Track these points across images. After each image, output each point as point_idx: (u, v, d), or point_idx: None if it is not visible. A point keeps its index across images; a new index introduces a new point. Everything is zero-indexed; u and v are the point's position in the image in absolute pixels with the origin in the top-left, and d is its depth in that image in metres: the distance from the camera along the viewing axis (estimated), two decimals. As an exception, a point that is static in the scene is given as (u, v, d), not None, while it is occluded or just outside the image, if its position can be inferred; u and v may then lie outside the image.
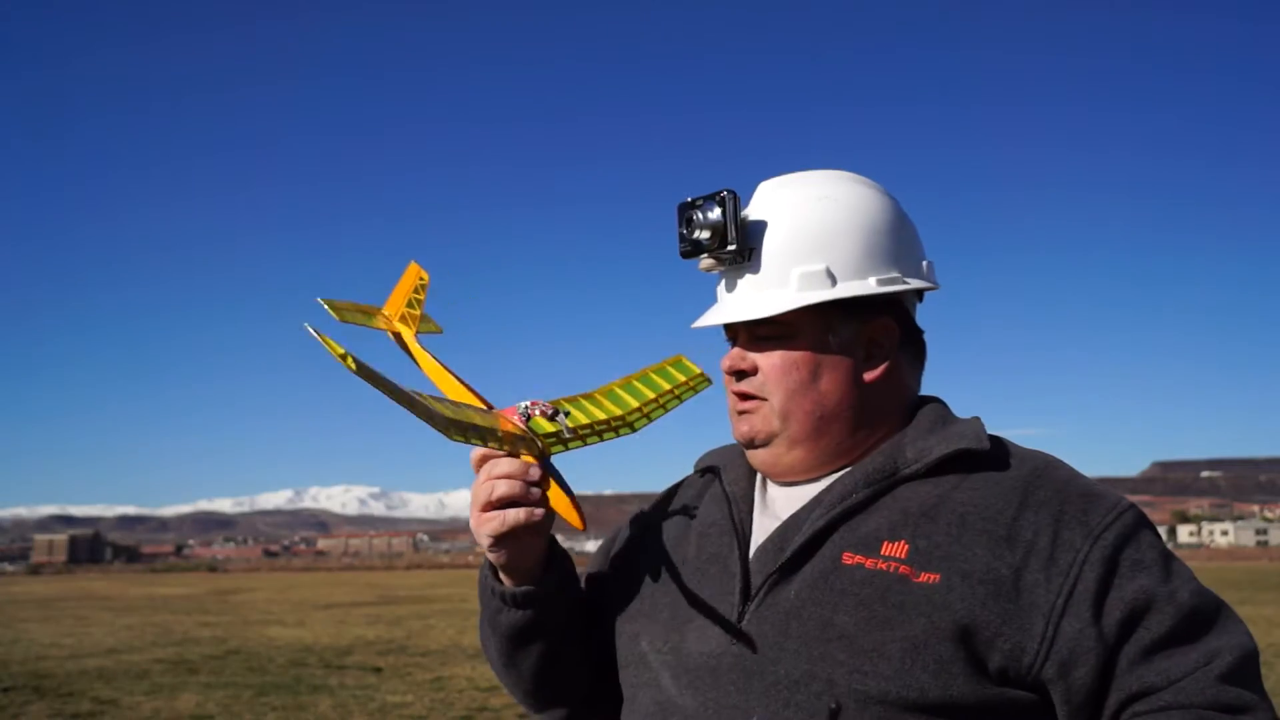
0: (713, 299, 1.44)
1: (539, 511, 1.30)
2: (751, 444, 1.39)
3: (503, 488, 1.29)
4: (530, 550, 1.37)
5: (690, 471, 1.61)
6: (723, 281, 1.41)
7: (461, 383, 1.46)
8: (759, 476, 1.46)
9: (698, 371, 1.63)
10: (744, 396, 1.38)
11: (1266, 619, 20.35)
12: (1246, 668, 1.22)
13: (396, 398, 1.18)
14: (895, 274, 1.37)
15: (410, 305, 1.61)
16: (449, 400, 1.32)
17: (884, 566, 1.26)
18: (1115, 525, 1.26)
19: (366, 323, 1.61)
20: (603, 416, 1.45)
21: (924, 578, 1.24)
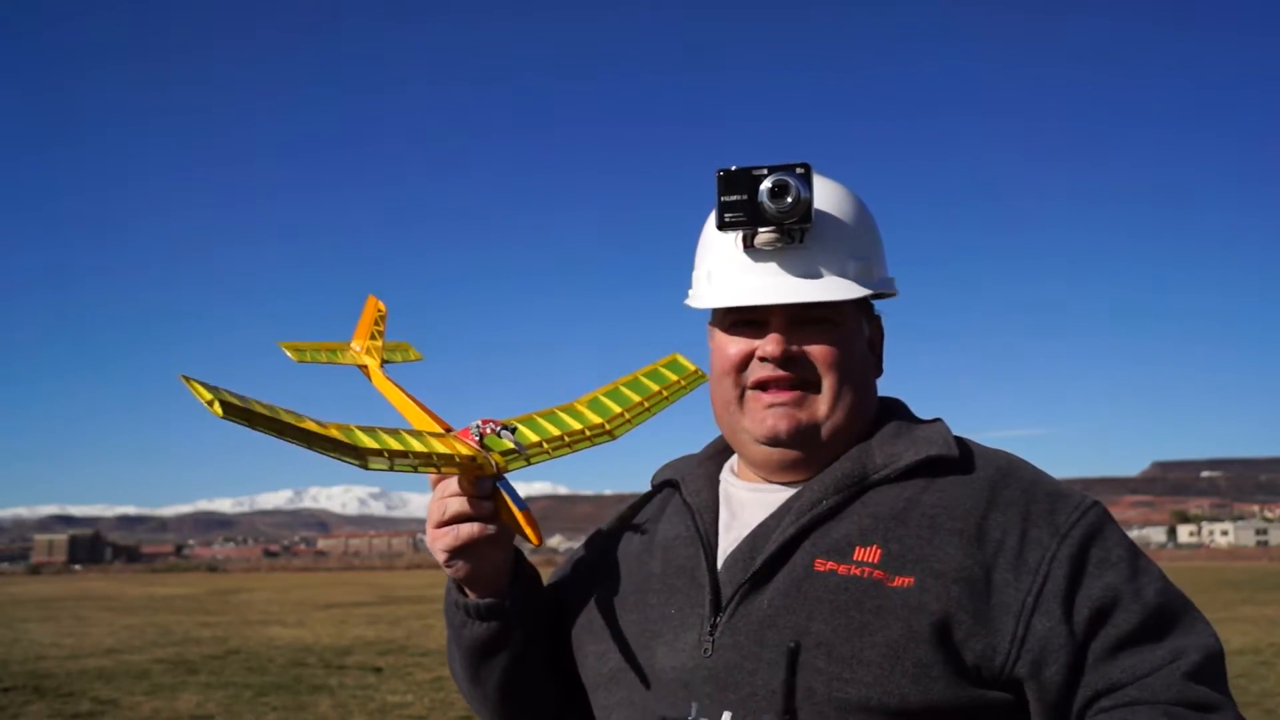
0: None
1: (491, 526, 1.32)
2: (794, 439, 1.34)
3: (454, 505, 1.32)
4: (489, 563, 1.36)
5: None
6: (766, 256, 1.33)
7: (423, 408, 1.48)
8: (721, 487, 1.45)
9: (692, 369, 1.63)
10: (787, 386, 1.34)
11: (1268, 619, 20.19)
12: (1212, 668, 1.22)
13: (290, 435, 1.17)
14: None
15: (372, 337, 1.68)
16: (393, 430, 1.32)
17: (857, 572, 1.25)
18: (1081, 523, 1.27)
19: (333, 359, 1.67)
20: (577, 427, 1.46)
21: (899, 582, 1.23)
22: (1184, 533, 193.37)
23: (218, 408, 1.11)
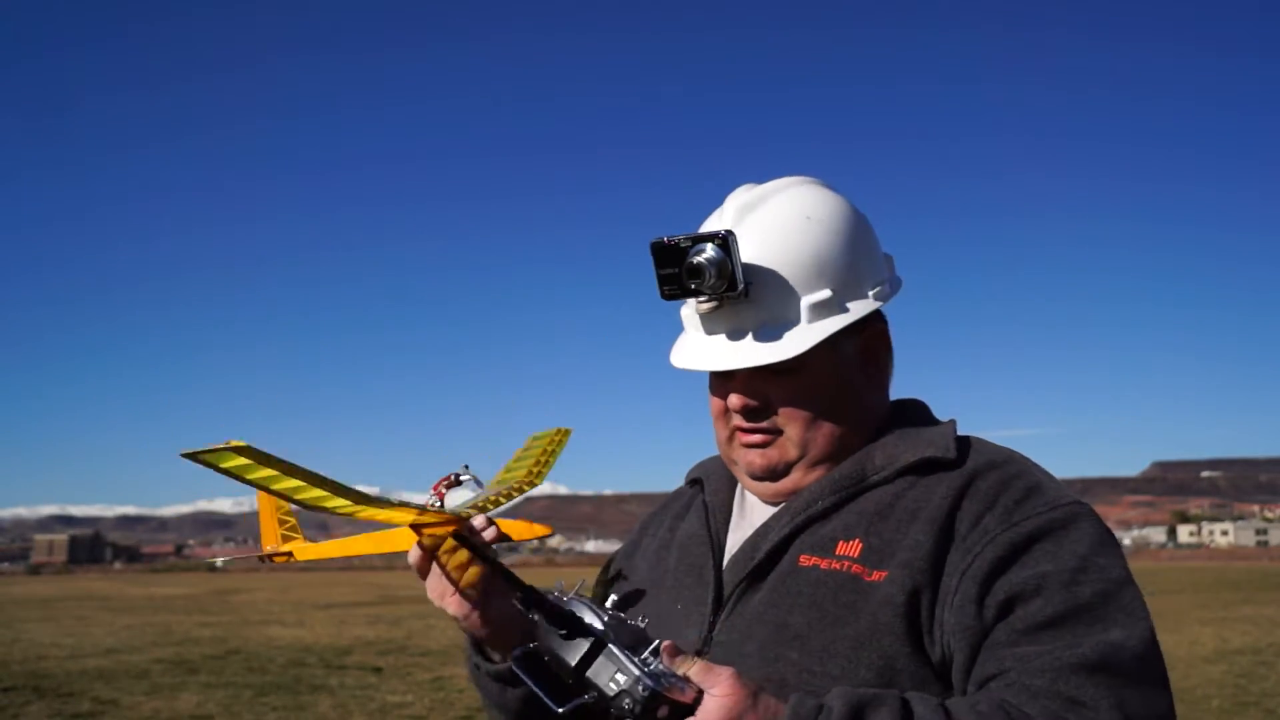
0: (676, 328, 1.42)
1: (472, 593, 1.35)
2: (771, 475, 1.37)
3: (432, 582, 1.37)
4: (505, 613, 1.36)
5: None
6: (712, 317, 1.35)
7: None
8: (739, 487, 1.47)
9: (553, 430, 1.84)
10: (757, 430, 1.37)
11: (1268, 619, 20.27)
12: (1111, 664, 1.13)
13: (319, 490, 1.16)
14: (884, 279, 1.40)
15: (281, 524, 1.80)
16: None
17: (837, 566, 1.28)
18: (1042, 517, 1.24)
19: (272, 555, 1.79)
20: (517, 478, 1.64)
21: (875, 576, 1.25)
22: (1184, 533, 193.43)
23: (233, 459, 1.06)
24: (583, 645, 1.12)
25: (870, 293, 1.37)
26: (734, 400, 1.36)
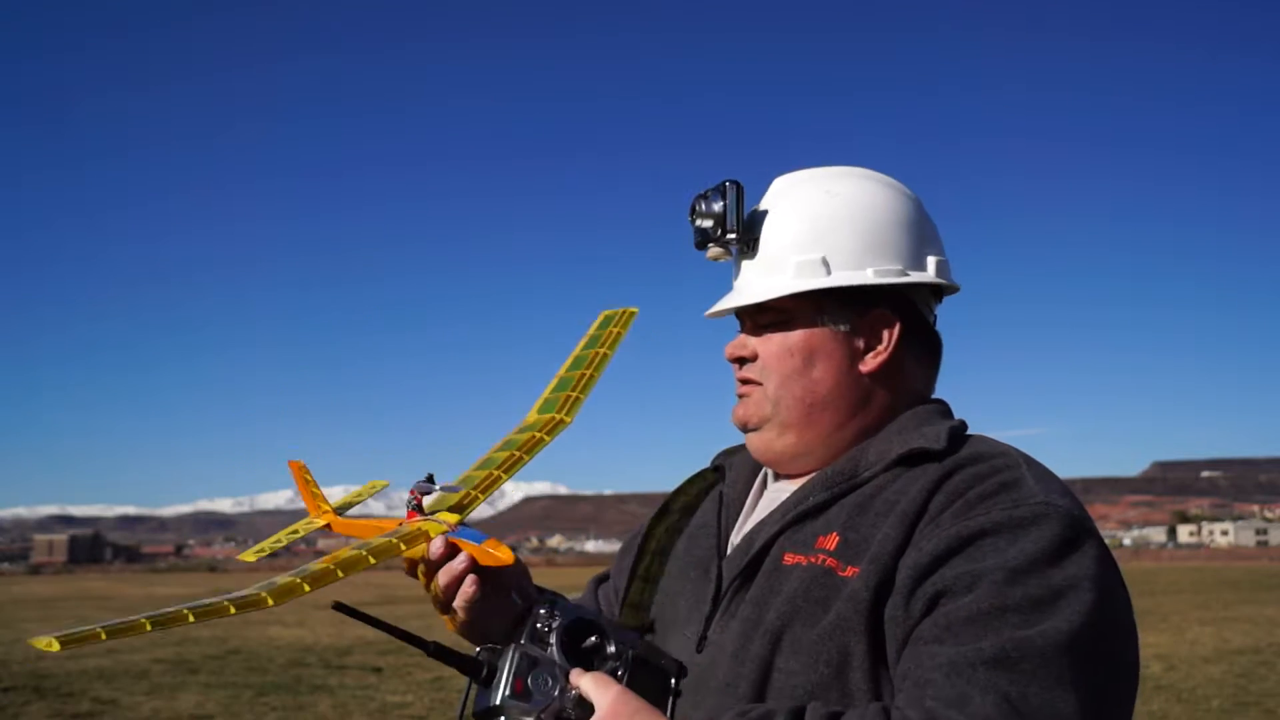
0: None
1: (470, 584, 1.35)
2: (745, 428, 1.41)
3: (440, 585, 1.39)
4: (504, 612, 1.37)
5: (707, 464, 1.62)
6: (733, 271, 1.43)
7: (372, 522, 1.61)
8: (759, 479, 1.46)
9: (621, 311, 1.71)
10: (743, 381, 1.40)
11: (1268, 619, 20.26)
12: (1018, 662, 1.06)
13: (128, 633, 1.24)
14: (898, 267, 1.36)
15: (314, 496, 1.80)
16: (325, 562, 1.45)
17: (814, 560, 1.26)
18: (1000, 512, 1.17)
19: (295, 536, 1.80)
20: (525, 438, 1.53)
21: (849, 571, 1.22)
22: (1184, 533, 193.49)
23: (55, 645, 1.18)
24: (486, 700, 1.22)
25: (870, 270, 1.34)
26: (726, 349, 1.42)
